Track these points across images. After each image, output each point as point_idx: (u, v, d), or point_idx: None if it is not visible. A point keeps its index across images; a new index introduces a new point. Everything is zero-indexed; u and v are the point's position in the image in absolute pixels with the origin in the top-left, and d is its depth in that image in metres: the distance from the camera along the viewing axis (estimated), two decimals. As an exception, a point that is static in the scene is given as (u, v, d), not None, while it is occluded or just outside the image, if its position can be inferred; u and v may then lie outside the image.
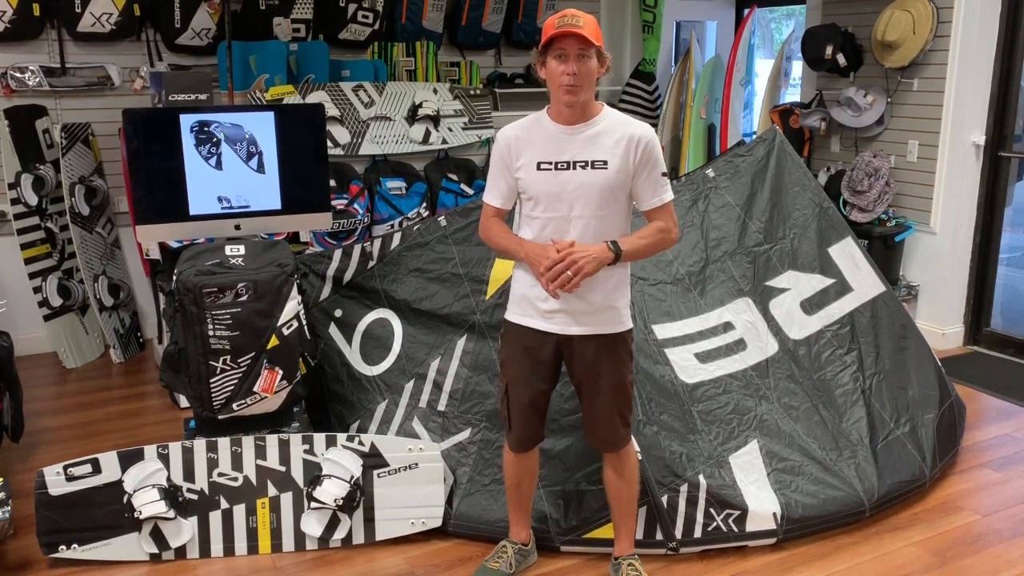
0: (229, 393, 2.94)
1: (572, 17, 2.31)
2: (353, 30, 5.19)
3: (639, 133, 2.42)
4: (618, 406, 2.55)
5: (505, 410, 2.62)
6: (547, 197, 2.43)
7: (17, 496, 2.98)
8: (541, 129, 2.46)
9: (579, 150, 2.41)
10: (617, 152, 2.40)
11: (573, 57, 2.31)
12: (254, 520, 2.93)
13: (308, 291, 3.37)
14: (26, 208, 4.45)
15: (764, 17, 9.81)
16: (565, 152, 2.41)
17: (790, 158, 3.66)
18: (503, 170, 2.51)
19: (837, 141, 5.39)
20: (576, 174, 2.40)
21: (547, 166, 2.42)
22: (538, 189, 2.44)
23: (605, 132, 2.42)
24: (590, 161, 2.40)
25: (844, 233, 3.64)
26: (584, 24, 2.30)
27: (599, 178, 2.40)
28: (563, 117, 2.43)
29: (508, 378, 2.59)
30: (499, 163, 2.51)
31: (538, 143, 2.44)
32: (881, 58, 4.90)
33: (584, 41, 2.30)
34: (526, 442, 2.64)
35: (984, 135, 4.77)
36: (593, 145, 2.41)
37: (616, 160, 2.40)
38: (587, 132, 2.42)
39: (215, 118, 3.16)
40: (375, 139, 4.85)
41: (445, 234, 3.38)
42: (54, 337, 4.60)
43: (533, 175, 2.44)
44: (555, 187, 2.41)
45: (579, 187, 2.40)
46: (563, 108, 2.40)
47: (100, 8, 4.50)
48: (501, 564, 2.73)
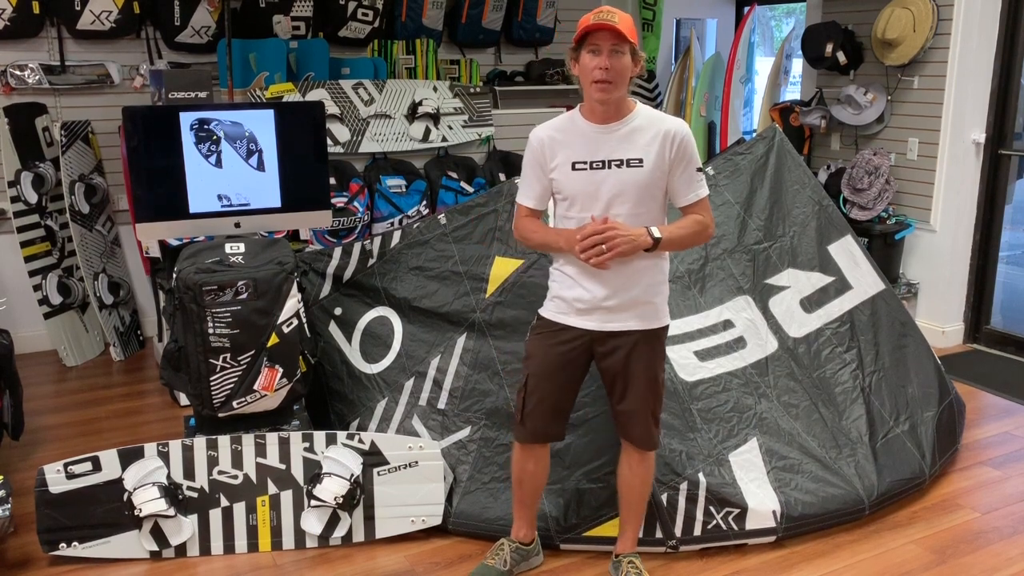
0: (229, 391, 2.94)
1: (608, 13, 2.30)
2: (353, 28, 5.19)
3: (674, 129, 2.41)
4: (652, 403, 2.54)
5: (521, 401, 2.59)
6: (583, 197, 2.41)
7: (17, 494, 2.98)
8: (575, 128, 2.44)
9: (614, 148, 2.39)
10: (652, 149, 2.39)
11: (607, 52, 2.29)
12: (254, 518, 2.93)
13: (308, 289, 3.37)
14: (26, 206, 4.45)
15: (764, 15, 9.81)
16: (600, 151, 2.40)
17: (790, 156, 3.66)
18: (537, 171, 2.48)
19: (837, 139, 5.39)
20: (612, 173, 2.39)
21: (582, 166, 2.40)
22: (574, 189, 2.42)
23: (639, 129, 2.40)
24: (625, 160, 2.38)
25: (844, 231, 3.64)
26: (620, 20, 2.29)
27: (635, 176, 2.39)
28: (597, 115, 2.41)
29: (532, 370, 2.56)
30: (532, 164, 2.48)
31: (572, 143, 2.42)
32: (881, 56, 4.90)
33: (618, 36, 2.28)
34: (539, 435, 2.61)
35: (984, 133, 4.77)
36: (628, 143, 2.39)
37: (652, 157, 2.39)
38: (622, 130, 2.40)
39: (215, 116, 3.16)
40: (375, 137, 4.85)
41: (445, 232, 3.38)
42: (54, 335, 4.60)
43: (568, 175, 2.42)
44: (591, 187, 2.40)
45: (615, 186, 2.39)
46: (596, 106, 2.39)
47: (100, 6, 4.50)
48: (496, 562, 2.73)
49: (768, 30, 10.69)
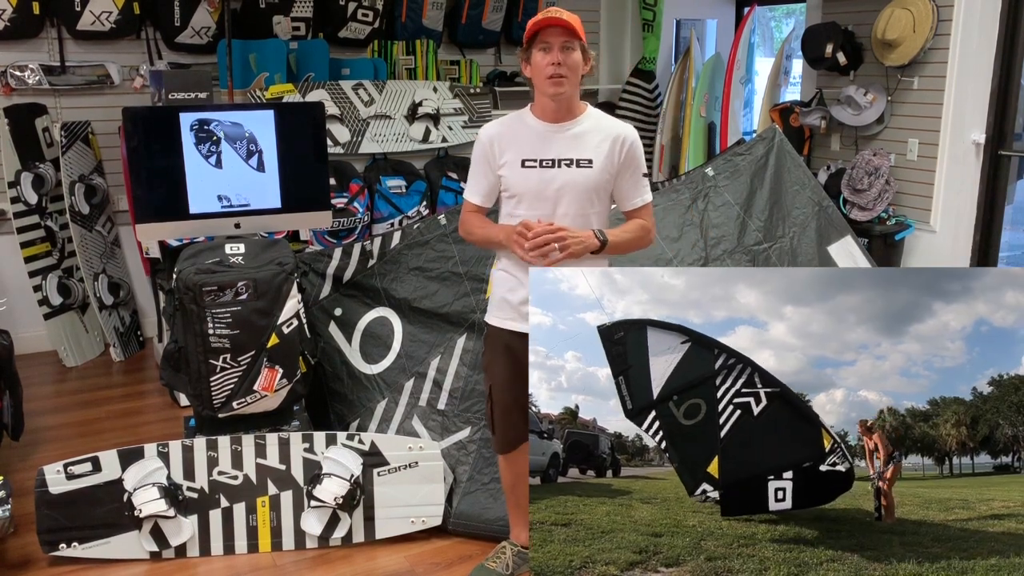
0: (229, 391, 2.94)
1: (556, 11, 2.33)
2: (353, 28, 5.19)
3: (624, 133, 2.43)
4: None
5: (490, 412, 2.62)
6: (531, 195, 2.42)
7: (17, 494, 2.98)
8: (524, 126, 2.45)
9: (564, 148, 2.40)
10: (602, 151, 2.40)
11: (558, 47, 2.31)
12: (254, 518, 2.93)
13: (308, 290, 3.37)
14: (26, 207, 4.45)
15: (764, 15, 9.81)
16: (550, 150, 2.41)
17: (790, 157, 3.66)
18: (485, 168, 2.49)
19: (837, 139, 5.39)
20: (561, 172, 2.40)
21: (532, 163, 2.41)
22: (522, 187, 2.43)
23: (590, 131, 2.42)
24: (575, 159, 2.40)
25: (844, 232, 3.64)
26: (568, 18, 2.31)
27: (584, 176, 2.40)
28: (548, 114, 2.42)
29: (492, 381, 2.59)
30: (481, 160, 2.49)
31: (522, 140, 2.43)
32: (881, 56, 4.90)
33: (568, 31, 2.30)
34: (512, 442, 2.61)
35: (984, 133, 4.76)
36: (578, 143, 2.41)
37: (601, 159, 2.40)
38: (572, 130, 2.42)
39: (215, 116, 3.16)
40: (375, 137, 4.85)
41: (445, 232, 3.38)
42: (54, 335, 4.60)
43: (517, 172, 2.42)
44: (540, 185, 2.40)
45: (564, 185, 2.39)
46: (548, 104, 2.40)
47: (100, 6, 4.50)
48: (498, 565, 2.72)
49: (768, 30, 10.70)
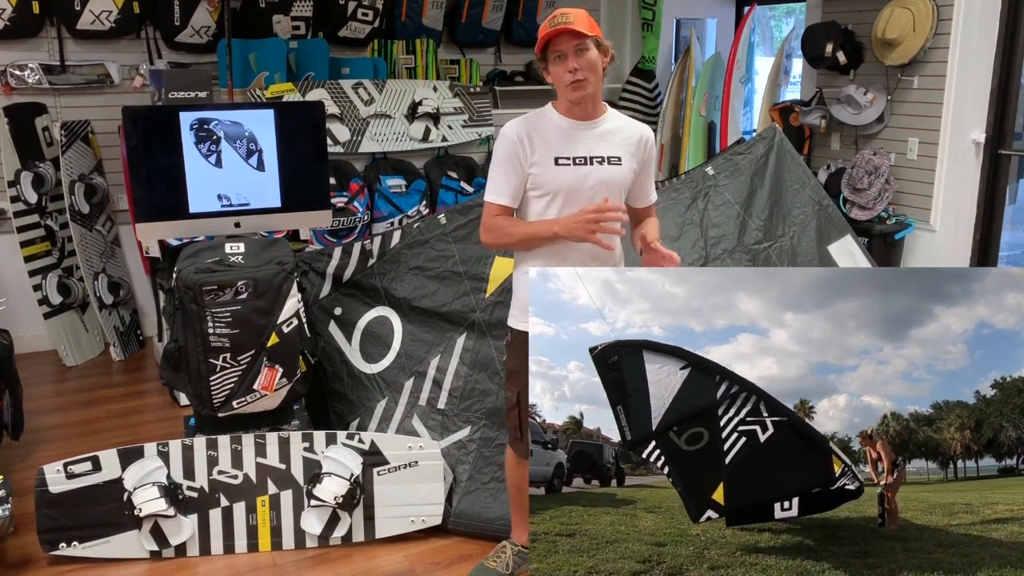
0: (229, 391, 2.94)
1: (562, 16, 2.31)
2: (353, 28, 5.19)
3: (646, 133, 2.51)
4: None
5: (516, 419, 2.56)
6: (567, 192, 2.40)
7: (17, 494, 2.98)
8: (550, 123, 2.44)
9: (593, 145, 2.42)
10: (628, 149, 2.45)
11: (571, 54, 2.31)
12: (254, 518, 2.93)
13: (308, 289, 3.37)
14: (26, 206, 4.45)
15: (764, 15, 9.80)
16: (579, 147, 2.41)
17: (790, 156, 3.66)
18: (515, 165, 2.41)
19: (837, 139, 5.39)
20: (595, 169, 2.41)
21: (565, 161, 2.40)
22: (558, 184, 2.39)
23: (615, 130, 2.45)
24: (606, 157, 2.42)
25: (844, 231, 3.64)
26: (575, 19, 2.29)
27: (616, 173, 2.43)
28: (574, 112, 2.42)
29: (520, 388, 2.49)
30: (511, 158, 2.41)
31: (550, 138, 2.41)
32: (881, 56, 4.90)
33: (577, 35, 2.29)
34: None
35: (984, 133, 4.76)
36: (606, 141, 2.43)
37: (628, 157, 2.45)
38: (599, 128, 2.43)
39: (215, 116, 3.16)
40: (375, 137, 4.85)
41: (445, 232, 3.38)
42: (54, 335, 4.60)
43: (551, 170, 2.40)
44: (575, 182, 2.40)
45: (598, 183, 2.40)
46: (573, 104, 2.40)
47: (100, 6, 4.50)
48: (499, 565, 2.72)
49: (768, 30, 10.69)
